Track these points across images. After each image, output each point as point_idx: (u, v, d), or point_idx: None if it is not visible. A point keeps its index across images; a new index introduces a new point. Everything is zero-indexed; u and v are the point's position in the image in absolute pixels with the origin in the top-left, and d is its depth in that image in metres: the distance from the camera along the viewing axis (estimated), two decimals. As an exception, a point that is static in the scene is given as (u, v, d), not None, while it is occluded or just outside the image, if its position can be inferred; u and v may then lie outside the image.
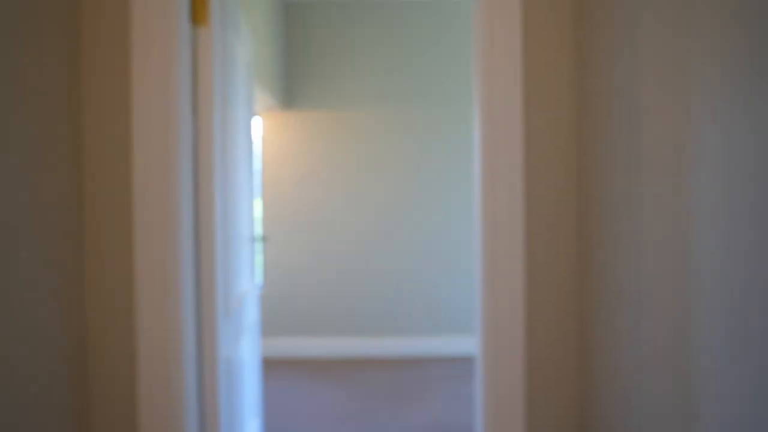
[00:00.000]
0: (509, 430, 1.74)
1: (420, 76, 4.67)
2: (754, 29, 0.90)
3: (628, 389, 1.44)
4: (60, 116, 1.52)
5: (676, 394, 1.19)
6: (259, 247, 6.16)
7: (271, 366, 4.53)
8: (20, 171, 1.35)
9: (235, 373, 2.16)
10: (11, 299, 1.31)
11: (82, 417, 1.63)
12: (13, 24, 1.33)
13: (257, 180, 5.45)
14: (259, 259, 6.80)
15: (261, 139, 4.74)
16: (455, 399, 3.75)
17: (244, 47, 2.52)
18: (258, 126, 4.77)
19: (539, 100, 1.73)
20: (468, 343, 4.69)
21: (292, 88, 4.71)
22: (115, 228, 1.63)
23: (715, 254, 1.03)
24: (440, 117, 4.67)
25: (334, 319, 4.73)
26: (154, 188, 1.57)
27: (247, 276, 2.60)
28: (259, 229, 5.43)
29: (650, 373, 1.32)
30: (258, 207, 5.58)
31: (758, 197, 0.90)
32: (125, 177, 1.63)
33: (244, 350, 2.48)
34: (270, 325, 4.74)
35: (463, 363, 4.52)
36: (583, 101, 1.73)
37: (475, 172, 1.85)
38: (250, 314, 2.65)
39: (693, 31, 1.10)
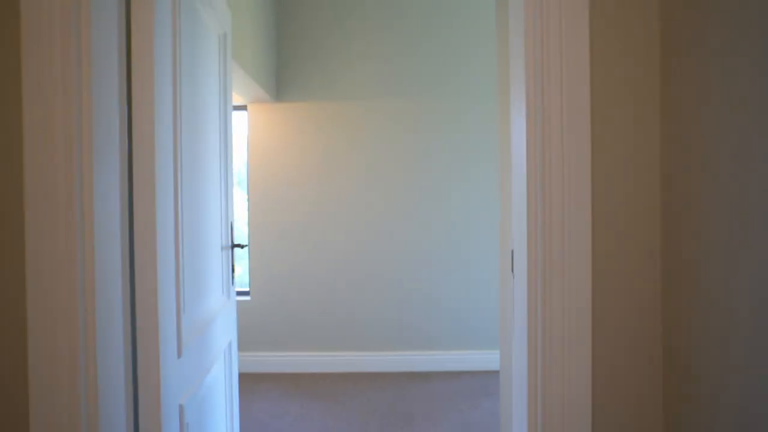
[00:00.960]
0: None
1: (421, 66, 4.26)
2: None
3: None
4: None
5: None
6: (240, 253, 5.73)
7: (258, 381, 4.12)
8: None
9: (195, 423, 1.74)
10: None
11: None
12: None
13: (242, 178, 5.01)
14: (244, 265, 6.39)
15: (248, 132, 4.32)
16: (465, 424, 3.33)
17: (215, 17, 2.10)
18: (244, 118, 4.34)
19: (610, 92, 1.31)
20: (476, 358, 4.28)
21: (282, 78, 4.29)
22: None
23: None
24: (441, 115, 4.25)
25: (329, 328, 4.32)
26: (52, 195, 1.15)
27: (217, 291, 2.18)
28: (242, 232, 4.98)
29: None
30: (243, 207, 5.15)
31: None
32: (17, 175, 1.21)
33: (215, 383, 2.06)
34: (258, 338, 4.33)
35: (472, 378, 4.11)
36: (672, 98, 1.31)
37: (515, 171, 1.43)
38: (224, 337, 2.23)
39: None
